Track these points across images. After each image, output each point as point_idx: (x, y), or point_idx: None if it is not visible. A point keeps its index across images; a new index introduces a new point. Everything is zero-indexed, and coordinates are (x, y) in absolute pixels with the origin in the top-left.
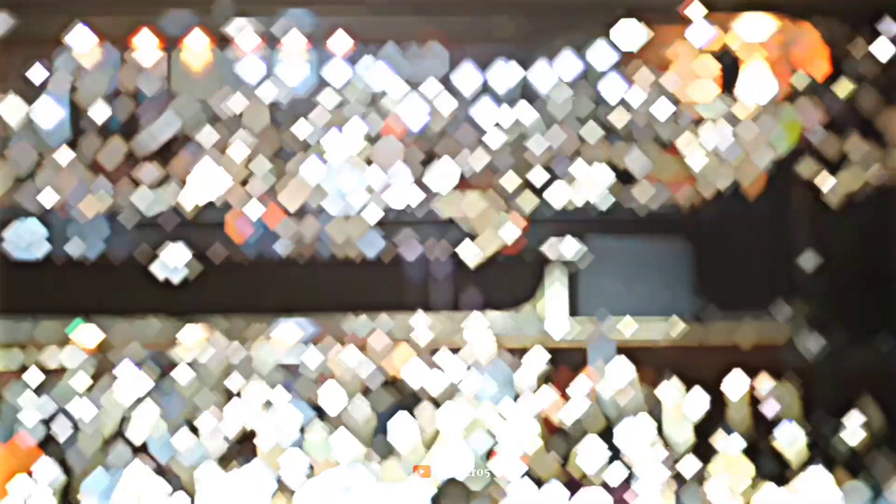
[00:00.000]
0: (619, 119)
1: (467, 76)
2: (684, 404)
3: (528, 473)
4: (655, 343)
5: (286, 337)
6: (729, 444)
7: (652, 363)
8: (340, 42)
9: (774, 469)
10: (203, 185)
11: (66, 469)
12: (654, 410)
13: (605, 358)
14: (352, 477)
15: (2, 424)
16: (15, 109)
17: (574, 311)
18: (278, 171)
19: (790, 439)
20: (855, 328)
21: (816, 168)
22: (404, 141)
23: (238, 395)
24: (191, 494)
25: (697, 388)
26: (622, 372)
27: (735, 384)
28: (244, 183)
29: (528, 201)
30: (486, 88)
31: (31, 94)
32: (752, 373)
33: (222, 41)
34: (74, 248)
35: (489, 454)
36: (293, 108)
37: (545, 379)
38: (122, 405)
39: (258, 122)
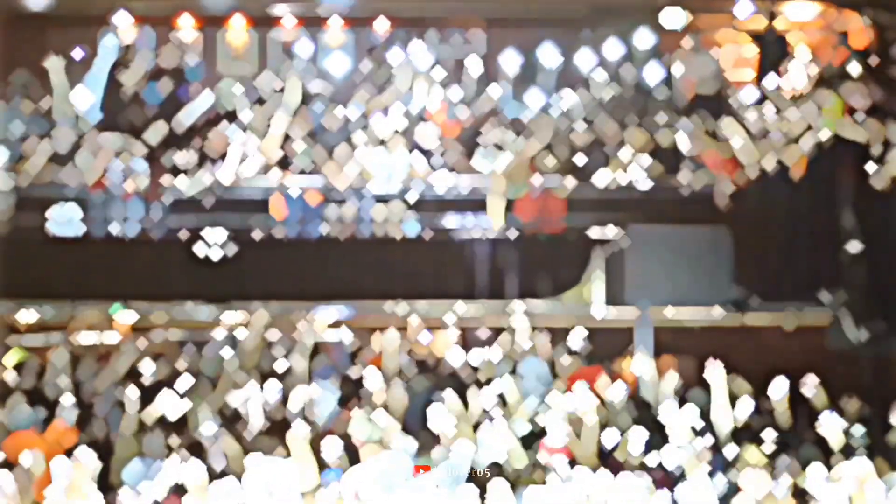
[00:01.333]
0: (661, 103)
1: (510, 60)
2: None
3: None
4: (697, 328)
5: (325, 320)
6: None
7: (693, 350)
8: (381, 25)
9: (816, 457)
10: (243, 163)
11: (104, 451)
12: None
13: (645, 344)
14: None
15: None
16: (57, 89)
17: (616, 298)
18: (319, 152)
19: (833, 428)
20: None
21: (861, 152)
22: (446, 124)
23: (277, 376)
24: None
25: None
26: (661, 359)
27: (778, 386)
28: (285, 163)
29: (569, 183)
30: (528, 72)
31: (72, 74)
32: (794, 359)
33: (263, 22)
34: (114, 227)
35: (533, 439)
36: (335, 90)
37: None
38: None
39: (299, 103)
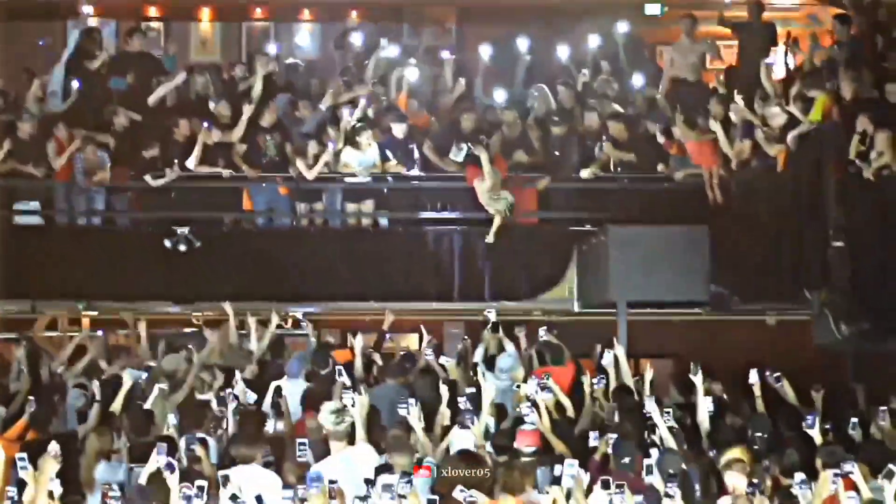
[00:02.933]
0: (642, 94)
1: (482, 53)
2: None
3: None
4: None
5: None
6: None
7: (672, 347)
8: (351, 16)
9: (801, 458)
10: (209, 153)
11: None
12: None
13: (623, 343)
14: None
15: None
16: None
17: (595, 297)
18: (287, 142)
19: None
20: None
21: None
22: (418, 116)
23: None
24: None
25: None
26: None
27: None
28: (252, 151)
29: (545, 177)
30: (503, 64)
31: (37, 64)
32: (777, 355)
33: (233, 13)
34: (80, 216)
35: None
36: (303, 80)
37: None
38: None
39: (267, 93)
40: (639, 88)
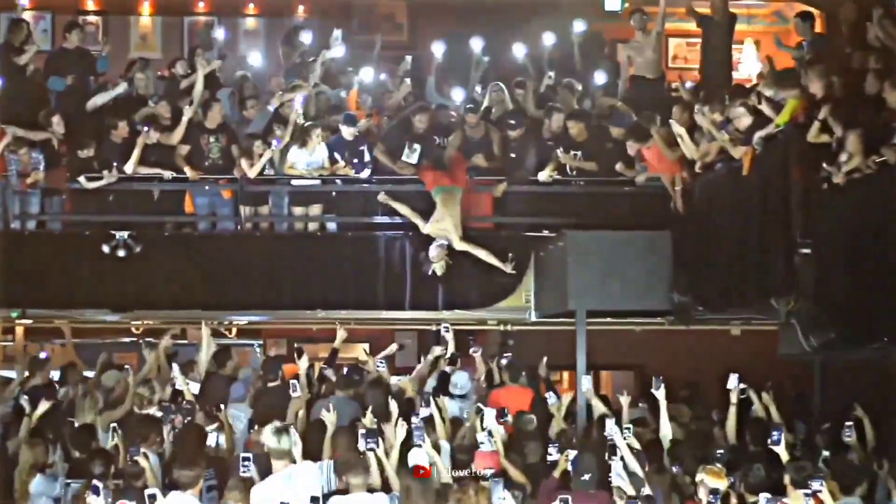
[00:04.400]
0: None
1: (435, 51)
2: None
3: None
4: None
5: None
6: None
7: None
8: (298, 11)
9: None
10: (149, 153)
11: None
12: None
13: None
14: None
15: None
16: None
17: (553, 305)
18: (233, 145)
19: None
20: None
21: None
22: (369, 115)
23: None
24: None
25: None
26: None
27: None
28: (195, 152)
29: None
30: (456, 62)
31: None
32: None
33: (175, 9)
34: (13, 220)
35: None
36: (251, 80)
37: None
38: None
39: (211, 91)
40: (599, 86)
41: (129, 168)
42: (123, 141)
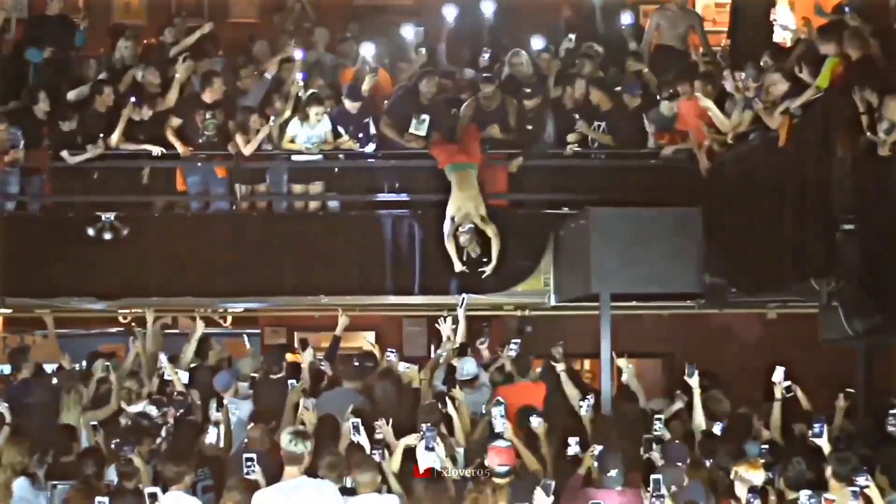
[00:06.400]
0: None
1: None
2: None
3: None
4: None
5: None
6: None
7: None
8: None
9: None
10: (136, 127)
11: None
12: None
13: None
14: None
15: None
16: None
17: (575, 288)
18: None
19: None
20: None
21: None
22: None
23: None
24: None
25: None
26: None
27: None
28: (189, 128)
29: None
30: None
31: None
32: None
33: None
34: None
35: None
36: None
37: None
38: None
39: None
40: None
41: (113, 140)
42: (108, 111)
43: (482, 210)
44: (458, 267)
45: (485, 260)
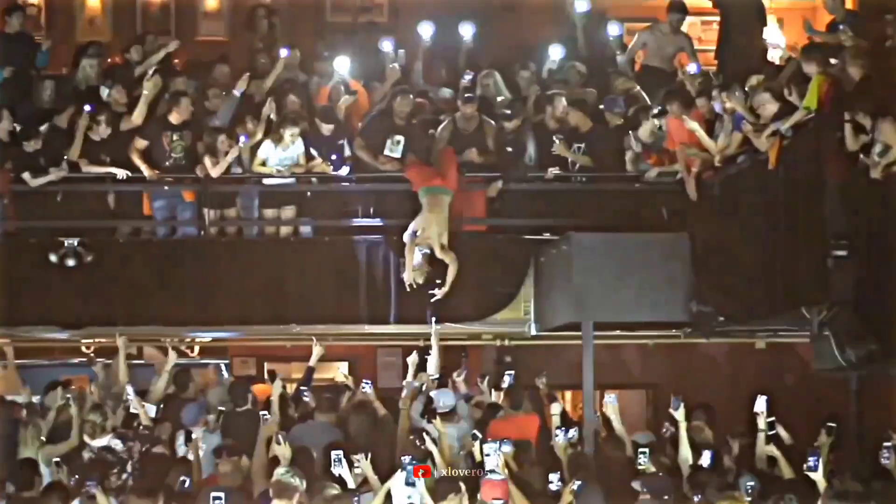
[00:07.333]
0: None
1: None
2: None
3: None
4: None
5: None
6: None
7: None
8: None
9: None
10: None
11: None
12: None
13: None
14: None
15: None
16: None
17: (556, 317)
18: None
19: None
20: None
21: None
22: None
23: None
24: None
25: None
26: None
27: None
28: (156, 149)
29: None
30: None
31: None
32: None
33: None
34: None
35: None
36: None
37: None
38: None
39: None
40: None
41: (73, 154)
42: (71, 130)
43: (444, 239)
44: (409, 279)
45: (438, 282)
